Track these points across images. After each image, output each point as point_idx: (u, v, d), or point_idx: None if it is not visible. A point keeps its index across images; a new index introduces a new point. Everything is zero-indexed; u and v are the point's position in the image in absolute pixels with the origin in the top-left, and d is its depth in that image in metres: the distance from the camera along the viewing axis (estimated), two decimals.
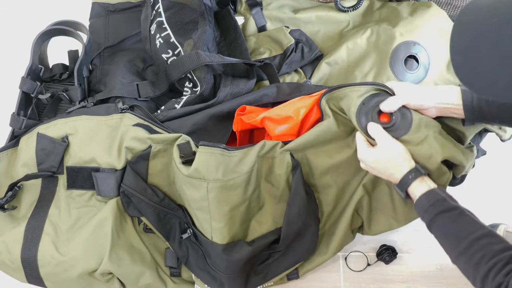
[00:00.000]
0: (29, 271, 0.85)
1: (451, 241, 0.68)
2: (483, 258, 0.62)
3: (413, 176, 0.74)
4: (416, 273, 1.02)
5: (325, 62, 1.01)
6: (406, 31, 0.99)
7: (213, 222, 0.83)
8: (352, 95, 0.82)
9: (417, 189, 0.73)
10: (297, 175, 0.86)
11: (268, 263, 0.92)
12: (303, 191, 0.86)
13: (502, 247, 0.62)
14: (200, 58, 0.92)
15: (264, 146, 0.85)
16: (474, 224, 0.67)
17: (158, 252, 0.93)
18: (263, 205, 0.89)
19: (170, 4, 1.01)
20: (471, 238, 0.65)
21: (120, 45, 1.10)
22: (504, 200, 1.08)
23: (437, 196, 0.71)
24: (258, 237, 0.87)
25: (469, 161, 0.80)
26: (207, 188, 0.81)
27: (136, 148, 0.87)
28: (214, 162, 0.81)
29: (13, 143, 0.92)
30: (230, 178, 0.82)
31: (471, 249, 0.64)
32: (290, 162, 0.86)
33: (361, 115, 0.80)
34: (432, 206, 0.70)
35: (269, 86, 0.95)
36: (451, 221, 0.68)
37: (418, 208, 0.73)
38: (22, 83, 0.95)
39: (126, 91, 0.98)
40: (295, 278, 0.96)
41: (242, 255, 0.84)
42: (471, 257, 0.64)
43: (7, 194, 0.86)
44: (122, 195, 0.87)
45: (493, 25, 0.53)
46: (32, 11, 1.45)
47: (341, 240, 0.91)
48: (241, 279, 0.89)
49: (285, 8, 1.11)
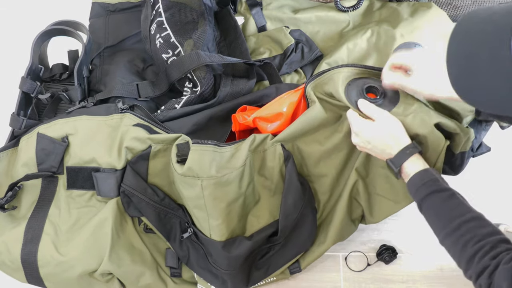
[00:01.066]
0: (29, 271, 0.85)
1: (440, 221, 0.68)
2: (470, 240, 0.63)
3: (410, 151, 0.74)
4: (416, 273, 1.02)
5: (325, 63, 1.01)
6: (406, 32, 0.99)
7: (210, 220, 0.84)
8: (335, 77, 0.82)
9: (411, 166, 0.73)
10: (289, 165, 0.86)
11: (269, 256, 0.92)
12: (297, 181, 0.86)
13: (490, 231, 0.63)
14: (200, 58, 0.92)
15: (255, 139, 0.85)
16: (464, 206, 0.67)
17: (159, 252, 0.93)
18: (259, 199, 0.89)
19: (170, 4, 1.01)
20: (460, 220, 0.65)
21: (120, 45, 1.10)
22: (504, 200, 1.08)
23: (430, 176, 0.71)
24: (256, 231, 0.88)
25: (464, 133, 0.79)
26: (202, 185, 0.81)
27: (136, 148, 0.87)
28: (207, 159, 0.82)
29: (13, 143, 0.92)
30: (224, 174, 0.82)
31: (459, 231, 0.64)
32: (281, 154, 0.86)
33: (350, 92, 0.81)
34: (424, 186, 0.70)
35: (269, 87, 0.95)
36: (442, 201, 0.69)
37: (410, 186, 0.73)
38: (22, 83, 0.95)
39: (126, 91, 0.98)
40: (297, 271, 0.95)
41: (241, 250, 0.84)
42: (459, 238, 0.64)
43: (7, 194, 0.86)
44: (122, 195, 0.87)
45: (489, 35, 0.52)
46: (32, 11, 1.45)
47: (339, 228, 0.90)
48: (243, 275, 0.89)
49: (285, 8, 1.11)
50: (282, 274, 0.95)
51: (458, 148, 0.81)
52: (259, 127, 0.89)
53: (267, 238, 0.88)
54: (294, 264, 0.94)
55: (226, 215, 0.84)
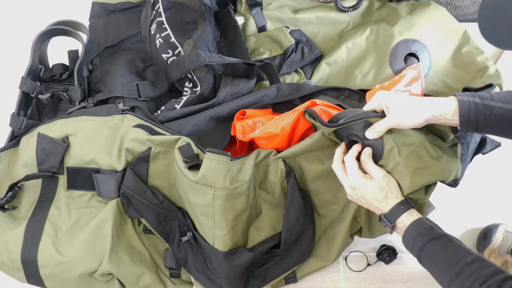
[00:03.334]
0: (29, 272, 0.85)
1: (442, 268, 0.67)
2: (475, 282, 0.62)
3: (403, 207, 0.74)
4: (416, 273, 1.02)
5: (325, 62, 1.01)
6: (404, 29, 0.99)
7: (216, 229, 0.83)
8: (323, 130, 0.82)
9: (405, 219, 0.74)
10: (291, 181, 0.87)
11: (267, 267, 0.93)
12: (299, 196, 0.87)
13: (494, 271, 0.62)
14: (200, 58, 0.92)
15: (259, 154, 0.86)
16: (463, 250, 0.67)
17: (158, 253, 0.93)
18: (260, 212, 0.90)
19: (170, 4, 1.01)
20: (462, 263, 0.64)
21: (120, 45, 1.10)
22: (504, 200, 1.08)
23: (425, 225, 0.71)
24: (257, 243, 0.88)
25: (451, 174, 0.79)
26: (214, 195, 0.81)
27: (136, 149, 0.87)
28: (222, 169, 0.81)
29: (13, 143, 0.92)
30: (236, 186, 0.82)
31: (463, 274, 0.64)
32: (283, 169, 0.86)
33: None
34: (420, 235, 0.70)
35: (270, 87, 0.95)
36: (441, 248, 0.68)
37: (406, 238, 0.73)
38: (22, 83, 0.95)
39: (126, 91, 0.98)
40: (293, 281, 0.96)
41: (243, 261, 0.84)
42: (464, 281, 0.63)
43: (7, 194, 0.86)
44: (122, 196, 0.87)
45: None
46: (32, 11, 1.45)
47: (341, 246, 0.92)
48: (241, 284, 0.89)
49: (285, 8, 1.11)
50: (278, 284, 0.96)
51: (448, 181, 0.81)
52: (257, 144, 0.90)
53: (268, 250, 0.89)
54: (290, 274, 0.95)
55: (232, 227, 0.84)
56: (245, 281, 0.90)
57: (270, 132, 0.85)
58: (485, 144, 0.85)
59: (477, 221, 1.06)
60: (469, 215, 1.06)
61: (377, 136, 0.75)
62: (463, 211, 1.06)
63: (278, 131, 0.85)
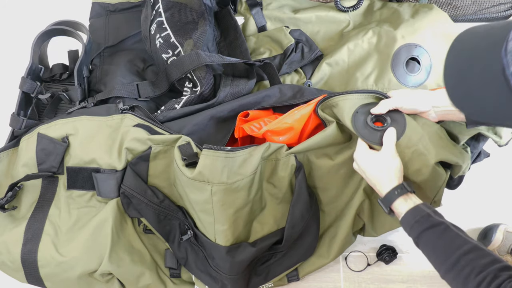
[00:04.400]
0: (29, 271, 0.85)
1: (439, 257, 0.67)
2: (471, 273, 0.62)
3: (398, 192, 0.74)
4: (416, 273, 1.02)
5: (325, 63, 1.01)
6: (407, 33, 0.99)
7: (217, 225, 0.83)
8: (341, 104, 0.83)
9: (401, 206, 0.73)
10: (300, 177, 0.86)
11: (269, 263, 0.92)
12: (306, 193, 0.87)
13: (490, 261, 0.62)
14: (200, 58, 0.92)
15: (269, 147, 0.85)
16: (460, 238, 0.66)
17: (158, 253, 0.93)
18: (265, 206, 0.90)
19: (170, 4, 1.01)
20: (458, 253, 0.64)
21: (120, 45, 1.10)
22: (504, 200, 1.08)
23: (422, 212, 0.71)
24: (260, 238, 0.88)
25: (465, 162, 0.80)
26: (211, 191, 0.81)
27: (136, 149, 0.87)
28: (219, 165, 0.81)
29: (13, 143, 0.92)
30: (235, 180, 0.81)
31: (459, 264, 0.63)
32: (294, 165, 0.86)
33: (356, 121, 0.81)
34: (417, 223, 0.70)
35: (271, 88, 0.95)
36: (437, 236, 0.68)
37: (404, 225, 0.73)
38: (22, 83, 0.95)
39: (126, 91, 0.98)
40: (295, 279, 0.96)
41: (245, 256, 0.84)
42: (459, 272, 0.63)
43: (7, 194, 0.86)
44: (122, 196, 0.87)
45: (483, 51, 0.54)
46: (32, 11, 1.45)
47: (342, 243, 0.92)
48: (243, 280, 0.89)
49: (285, 8, 1.11)
50: (280, 281, 0.96)
51: (457, 174, 0.82)
52: (268, 138, 0.89)
53: (270, 246, 0.89)
54: (293, 272, 0.95)
55: (233, 221, 0.84)
56: (247, 277, 0.90)
57: (284, 126, 0.85)
58: (479, 154, 0.89)
59: (477, 221, 1.06)
60: (469, 215, 1.06)
61: (380, 111, 0.79)
62: (463, 211, 1.06)
63: (292, 124, 0.85)
